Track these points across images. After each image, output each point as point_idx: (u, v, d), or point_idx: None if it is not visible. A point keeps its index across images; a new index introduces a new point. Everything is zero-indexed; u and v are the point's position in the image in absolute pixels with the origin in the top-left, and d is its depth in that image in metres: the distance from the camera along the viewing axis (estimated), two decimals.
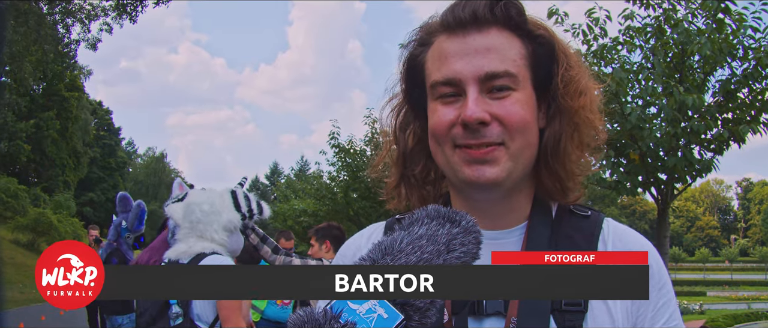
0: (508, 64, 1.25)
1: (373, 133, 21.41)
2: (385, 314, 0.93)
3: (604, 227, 1.35)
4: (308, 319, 0.91)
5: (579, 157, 1.35)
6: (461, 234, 1.05)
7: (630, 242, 1.33)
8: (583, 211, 1.38)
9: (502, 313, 1.25)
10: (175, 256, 4.00)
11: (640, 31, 9.59)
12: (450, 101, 1.28)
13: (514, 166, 1.27)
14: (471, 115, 1.22)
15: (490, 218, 1.35)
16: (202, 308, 3.93)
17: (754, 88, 9.23)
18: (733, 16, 8.98)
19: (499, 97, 1.25)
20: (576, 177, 1.35)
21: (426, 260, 0.99)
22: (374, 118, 21.27)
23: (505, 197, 1.34)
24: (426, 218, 1.07)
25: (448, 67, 1.27)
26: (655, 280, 1.29)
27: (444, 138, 1.29)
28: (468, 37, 1.27)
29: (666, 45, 9.40)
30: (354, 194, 23.57)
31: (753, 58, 8.96)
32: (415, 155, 1.44)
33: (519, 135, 1.26)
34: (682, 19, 9.09)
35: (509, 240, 1.35)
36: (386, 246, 1.01)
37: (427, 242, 1.01)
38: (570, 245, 1.30)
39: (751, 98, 9.33)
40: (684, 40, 8.90)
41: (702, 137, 9.16)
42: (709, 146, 9.52)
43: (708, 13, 9.07)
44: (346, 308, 0.93)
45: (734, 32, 9.03)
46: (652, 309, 1.27)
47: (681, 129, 8.95)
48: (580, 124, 1.32)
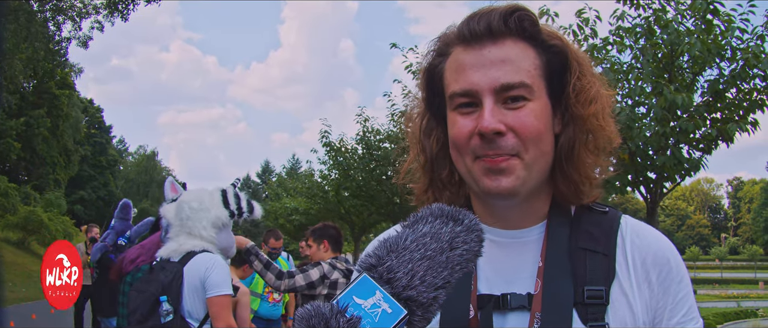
0: (523, 75, 1.29)
1: (364, 131, 21.42)
2: (389, 308, 0.97)
3: (622, 222, 1.39)
4: (315, 313, 0.94)
5: (593, 162, 1.39)
6: (464, 232, 1.09)
7: (647, 237, 1.37)
8: (601, 207, 1.43)
9: (526, 307, 1.30)
10: (166, 254, 4.06)
11: (630, 31, 9.63)
12: (468, 112, 1.32)
13: (528, 175, 1.31)
14: (487, 126, 1.26)
15: (509, 220, 1.41)
16: (192, 304, 3.96)
17: (742, 88, 9.30)
18: (721, 18, 9.04)
19: (515, 107, 1.29)
20: (591, 180, 1.39)
21: (429, 257, 1.02)
22: (366, 116, 21.35)
23: (523, 202, 1.38)
24: (430, 217, 1.11)
25: (465, 79, 1.31)
26: (674, 274, 1.33)
27: (465, 148, 1.33)
28: (484, 49, 1.31)
29: (655, 45, 9.45)
30: (345, 193, 23.60)
31: (741, 58, 9.02)
32: (440, 161, 1.48)
33: (532, 146, 1.29)
34: (671, 20, 9.13)
35: (530, 238, 1.40)
36: (391, 243, 1.05)
37: (430, 240, 1.05)
38: (589, 240, 1.35)
39: (739, 98, 9.41)
40: (673, 40, 8.95)
41: (691, 136, 9.21)
42: (698, 145, 9.58)
43: (697, 14, 9.12)
44: (352, 303, 0.97)
45: (723, 33, 9.09)
46: (671, 302, 1.32)
47: (670, 128, 9.01)
48: (592, 130, 1.36)
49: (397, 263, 1.01)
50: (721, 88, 9.30)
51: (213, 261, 4.01)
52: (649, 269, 1.33)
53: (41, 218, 31.18)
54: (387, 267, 1.01)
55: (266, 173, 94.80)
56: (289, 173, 57.18)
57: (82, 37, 28.21)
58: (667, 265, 1.34)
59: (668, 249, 1.37)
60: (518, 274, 1.36)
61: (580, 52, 1.40)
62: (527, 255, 1.38)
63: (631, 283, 1.31)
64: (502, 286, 1.35)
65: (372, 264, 1.03)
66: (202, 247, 4.05)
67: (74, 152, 50.59)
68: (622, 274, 1.32)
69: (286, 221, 30.96)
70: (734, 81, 9.13)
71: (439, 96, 1.42)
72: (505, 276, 1.37)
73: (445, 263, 1.04)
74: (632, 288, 1.31)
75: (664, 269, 1.33)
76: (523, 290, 1.33)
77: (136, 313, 3.91)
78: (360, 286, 0.99)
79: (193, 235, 4.07)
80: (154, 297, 3.89)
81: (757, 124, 9.32)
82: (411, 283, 0.99)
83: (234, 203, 4.22)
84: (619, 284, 1.31)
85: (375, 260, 1.03)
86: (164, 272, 3.96)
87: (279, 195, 36.21)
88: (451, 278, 1.05)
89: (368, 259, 1.04)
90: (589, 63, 1.41)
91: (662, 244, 1.37)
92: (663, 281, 1.32)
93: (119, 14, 26.66)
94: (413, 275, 1.00)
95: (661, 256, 1.34)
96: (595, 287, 1.28)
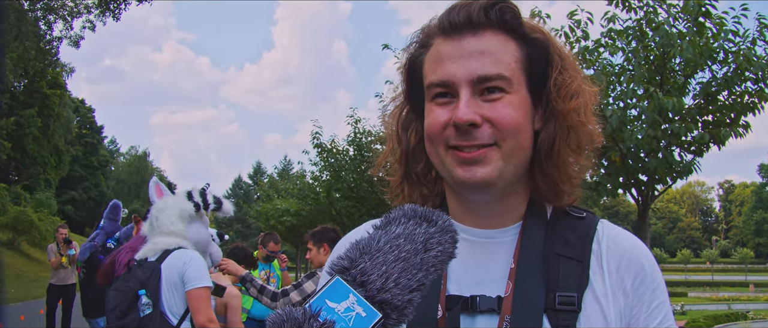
0: (502, 67, 1.27)
1: (355, 133, 21.39)
2: (363, 312, 0.94)
3: (598, 228, 1.36)
4: (288, 318, 0.91)
5: (573, 160, 1.36)
6: (438, 233, 1.06)
7: (623, 242, 1.34)
8: (579, 212, 1.39)
9: (495, 310, 1.27)
10: (143, 254, 4.15)
11: (622, 33, 9.65)
12: (444, 103, 1.29)
13: (505, 166, 1.28)
14: (461, 117, 1.23)
15: (484, 217, 1.37)
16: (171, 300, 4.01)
17: (734, 92, 9.31)
18: (713, 20, 9.06)
19: (492, 99, 1.26)
20: (571, 180, 1.36)
21: (403, 258, 0.99)
22: (357, 118, 21.32)
23: (498, 199, 1.35)
24: (403, 218, 1.08)
25: (442, 70, 1.29)
26: (649, 280, 1.30)
27: (438, 139, 1.30)
28: (463, 41, 1.29)
29: (647, 48, 9.46)
30: (336, 194, 23.57)
31: (733, 61, 9.04)
32: (416, 154, 1.45)
33: (511, 137, 1.26)
34: (663, 23, 9.13)
35: (504, 239, 1.36)
36: (364, 245, 1.02)
37: (404, 241, 1.02)
38: (564, 245, 1.31)
39: (731, 101, 9.42)
40: (665, 43, 8.95)
41: (682, 139, 9.23)
42: (690, 148, 9.60)
43: (689, 16, 9.13)
44: (325, 307, 0.93)
45: (715, 36, 9.12)
46: (646, 310, 1.29)
47: (661, 131, 9.01)
48: (573, 127, 1.33)
49: (371, 265, 0.98)
50: (712, 91, 9.31)
51: (190, 256, 4.10)
52: (624, 275, 1.30)
53: (31, 218, 31.09)
54: (360, 270, 0.98)
55: (258, 174, 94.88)
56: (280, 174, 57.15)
57: (73, 37, 28.17)
58: (641, 271, 1.30)
59: (644, 255, 1.33)
60: (490, 275, 1.32)
61: (562, 47, 1.37)
62: (500, 256, 1.34)
63: (606, 290, 1.28)
64: (473, 287, 1.31)
65: (345, 267, 0.99)
66: (177, 244, 4.13)
67: (65, 152, 50.49)
68: (597, 281, 1.29)
69: (277, 222, 30.92)
70: (726, 84, 9.13)
71: (418, 88, 1.39)
72: (476, 277, 1.33)
73: (420, 265, 1.01)
74: (607, 296, 1.27)
75: (638, 276, 1.30)
76: (494, 293, 1.29)
77: (116, 310, 3.95)
78: (333, 289, 0.96)
79: (164, 232, 4.17)
80: (133, 292, 3.95)
81: (749, 127, 9.35)
82: (385, 285, 0.96)
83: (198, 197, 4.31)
84: (593, 292, 1.27)
85: (348, 262, 1.00)
86: (142, 270, 4.03)
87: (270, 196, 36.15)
88: (426, 280, 1.02)
89: (340, 261, 1.01)
90: (571, 58, 1.38)
91: (638, 250, 1.34)
92: (637, 287, 1.29)
93: (111, 14, 26.58)
94: (387, 278, 0.97)
95: (636, 262, 1.31)
96: (567, 294, 1.25)
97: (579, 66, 1.39)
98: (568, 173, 1.35)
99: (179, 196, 4.36)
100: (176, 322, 4.00)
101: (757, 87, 9.10)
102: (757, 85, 9.09)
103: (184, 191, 4.38)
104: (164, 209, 4.23)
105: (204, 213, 4.35)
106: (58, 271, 12.58)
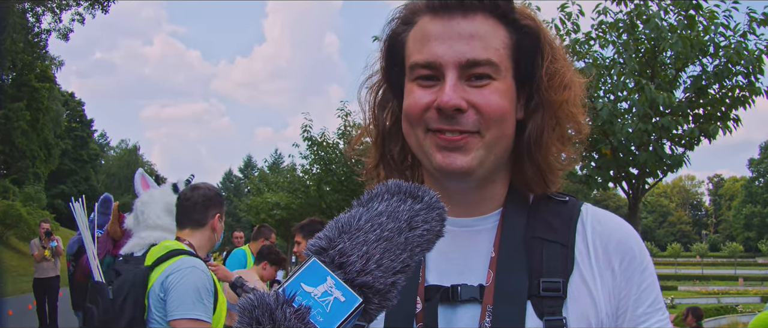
0: (491, 53, 1.22)
1: (346, 126, 21.33)
2: (342, 296, 0.87)
3: (582, 210, 1.32)
4: (259, 304, 0.84)
5: (560, 150, 1.32)
6: (424, 210, 0.99)
7: (609, 223, 1.30)
8: (561, 197, 1.35)
9: (477, 299, 1.22)
10: (129, 249, 4.09)
11: (613, 26, 9.64)
12: (428, 85, 1.24)
13: (486, 155, 1.23)
14: (448, 101, 1.18)
15: (463, 206, 1.32)
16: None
17: (725, 85, 9.32)
18: (704, 14, 9.06)
19: (478, 85, 1.21)
20: (557, 170, 1.32)
21: (386, 238, 0.93)
22: (347, 111, 21.25)
23: (478, 186, 1.30)
24: (386, 194, 1.01)
25: (429, 50, 1.23)
26: (637, 261, 1.26)
27: (417, 120, 1.25)
28: (452, 21, 1.23)
29: (638, 41, 9.45)
30: (327, 187, 23.51)
31: (723, 55, 9.05)
32: (393, 136, 1.40)
33: (495, 125, 1.22)
34: (654, 16, 9.12)
35: (485, 226, 1.31)
36: (343, 224, 0.95)
37: (387, 219, 0.95)
38: (547, 229, 1.27)
39: (721, 95, 9.41)
40: (656, 36, 8.95)
41: (673, 133, 9.22)
42: (680, 142, 9.60)
43: (680, 9, 9.12)
44: (300, 291, 0.86)
45: (705, 29, 9.12)
46: (635, 291, 1.24)
47: (652, 125, 9.00)
48: (563, 118, 1.29)
49: (351, 246, 0.91)
50: (703, 84, 9.32)
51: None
52: (612, 255, 1.25)
53: (20, 212, 30.88)
54: (339, 250, 0.91)
55: (249, 168, 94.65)
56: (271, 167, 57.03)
57: (62, 30, 28.05)
58: (630, 252, 1.26)
59: (631, 236, 1.28)
60: (470, 264, 1.27)
61: (553, 36, 1.33)
62: (480, 245, 1.29)
63: (593, 271, 1.23)
64: (454, 277, 1.26)
65: (322, 247, 0.92)
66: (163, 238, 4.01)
67: (55, 146, 50.17)
68: (583, 263, 1.24)
69: (267, 215, 30.79)
70: (717, 78, 9.16)
71: (398, 66, 1.34)
72: (457, 267, 1.28)
73: (404, 245, 0.94)
74: (594, 277, 1.23)
75: (627, 256, 1.25)
76: (475, 282, 1.24)
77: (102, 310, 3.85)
78: (309, 272, 0.89)
79: (150, 226, 4.10)
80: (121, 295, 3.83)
81: (739, 121, 9.36)
82: (366, 267, 0.90)
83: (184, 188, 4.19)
84: (580, 274, 1.22)
85: (325, 242, 0.92)
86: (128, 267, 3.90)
87: (261, 190, 36.02)
88: (411, 261, 0.95)
89: (318, 241, 0.93)
90: (561, 47, 1.33)
91: (625, 231, 1.29)
92: (626, 268, 1.24)
93: (99, 6, 26.41)
94: (368, 259, 0.90)
95: (624, 243, 1.26)
96: (552, 279, 1.20)
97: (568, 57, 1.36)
98: (555, 163, 1.31)
99: (165, 188, 4.29)
100: None
101: (748, 81, 9.09)
102: (747, 79, 9.09)
103: (169, 184, 4.31)
104: (150, 203, 4.18)
105: None
106: (40, 264, 12.63)
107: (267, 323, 0.82)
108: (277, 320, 0.82)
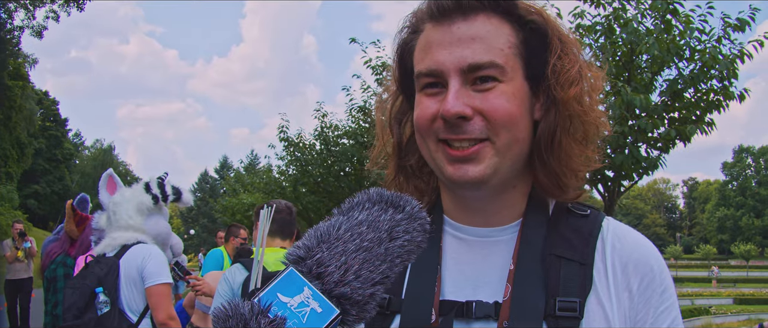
0: (495, 54, 1.17)
1: (322, 127, 21.25)
2: (319, 307, 0.85)
3: (603, 225, 1.27)
4: (233, 313, 0.81)
5: (577, 151, 1.26)
6: (405, 221, 0.97)
7: (630, 242, 1.25)
8: (582, 210, 1.30)
9: (492, 317, 1.18)
10: (101, 250, 4.04)
11: (590, 29, 9.68)
12: (434, 93, 1.21)
13: (500, 162, 1.19)
14: (450, 109, 1.15)
15: (481, 215, 1.28)
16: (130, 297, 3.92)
17: (700, 89, 9.41)
18: (680, 18, 9.13)
19: (483, 89, 1.17)
20: (575, 173, 1.27)
21: (365, 248, 0.90)
22: (324, 112, 21.17)
23: (496, 194, 1.26)
24: (367, 202, 0.99)
25: (431, 58, 1.20)
26: (657, 283, 1.21)
27: (427, 132, 1.22)
28: (453, 26, 1.20)
29: (615, 44, 9.50)
30: (303, 189, 23.37)
31: (699, 59, 9.15)
32: (411, 146, 1.36)
33: (504, 130, 1.17)
34: (631, 19, 9.18)
35: (502, 238, 1.27)
36: (322, 233, 0.92)
37: (367, 229, 0.93)
38: (566, 247, 1.22)
39: (696, 98, 9.51)
40: (633, 39, 9.00)
41: (649, 136, 9.28)
42: (656, 145, 9.67)
43: (657, 13, 9.19)
44: (276, 301, 0.84)
45: (681, 33, 9.20)
46: (652, 315, 1.19)
47: (628, 127, 9.06)
48: (574, 116, 1.23)
49: (329, 256, 0.88)
50: (679, 88, 9.39)
51: (149, 251, 4.01)
52: (631, 276, 1.20)
53: None
54: (317, 260, 0.88)
55: (224, 169, 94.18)
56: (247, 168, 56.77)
57: (36, 27, 27.62)
58: (650, 273, 1.21)
59: (652, 256, 1.24)
60: (487, 277, 1.24)
61: (563, 29, 1.27)
62: (498, 257, 1.25)
63: (610, 292, 1.19)
64: (469, 291, 1.23)
65: (300, 256, 0.89)
66: (135, 239, 4.03)
67: (28, 145, 49.48)
68: (600, 282, 1.20)
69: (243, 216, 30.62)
70: (692, 81, 9.24)
71: (411, 76, 1.30)
72: (473, 280, 1.24)
73: (384, 256, 0.92)
74: (610, 298, 1.19)
75: (646, 278, 1.21)
76: (491, 297, 1.20)
77: (73, 308, 3.82)
78: (286, 281, 0.86)
79: (122, 226, 4.05)
80: (90, 290, 3.84)
81: (713, 124, 9.44)
82: (344, 278, 0.87)
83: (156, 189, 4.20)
84: (597, 294, 1.18)
85: (303, 251, 0.90)
86: (99, 266, 3.92)
87: (237, 191, 35.82)
88: (391, 273, 0.93)
89: (296, 251, 0.91)
90: (573, 41, 1.28)
91: (646, 250, 1.24)
92: (645, 290, 1.20)
93: (74, 4, 26.06)
94: (347, 270, 0.88)
95: (644, 263, 1.22)
96: (569, 299, 1.16)
97: (580, 48, 1.30)
98: (572, 165, 1.26)
99: (136, 188, 4.23)
100: (136, 319, 3.90)
101: (722, 85, 9.19)
102: (722, 83, 9.19)
103: (142, 183, 4.24)
104: (121, 203, 4.12)
105: (163, 205, 4.22)
106: (13, 265, 12.43)
107: None
108: None
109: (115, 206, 4.12)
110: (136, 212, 4.08)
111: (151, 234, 4.13)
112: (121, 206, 4.10)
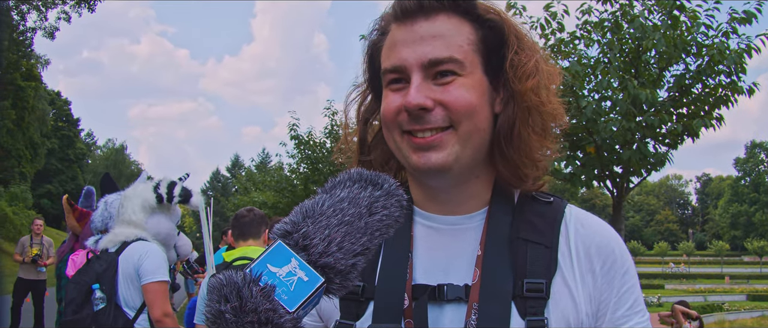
0: (454, 50, 1.25)
1: (332, 125, 21.30)
2: (305, 276, 0.93)
3: (566, 212, 1.34)
4: (227, 283, 0.90)
5: (536, 141, 1.32)
6: (383, 197, 1.05)
7: (592, 226, 1.33)
8: (546, 197, 1.37)
9: (463, 299, 1.25)
10: (103, 245, 4.13)
11: (597, 25, 9.70)
12: (398, 88, 1.28)
13: (462, 150, 1.26)
14: (411, 101, 1.22)
15: (448, 204, 1.35)
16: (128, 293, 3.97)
17: (708, 84, 9.41)
18: (687, 13, 9.13)
19: (443, 82, 1.24)
20: (535, 163, 1.33)
21: (347, 222, 0.99)
22: (334, 110, 21.21)
23: (460, 183, 1.33)
24: (348, 181, 1.07)
25: (395, 55, 1.28)
26: (619, 264, 1.29)
27: (392, 124, 1.29)
28: (415, 25, 1.28)
29: (622, 40, 9.51)
30: (314, 186, 23.42)
31: (706, 54, 9.14)
32: (376, 142, 1.45)
33: (465, 119, 1.24)
34: (638, 15, 9.19)
35: (470, 226, 1.34)
36: (307, 209, 1.01)
37: (348, 205, 1.01)
38: (531, 231, 1.30)
39: (704, 94, 9.50)
40: (640, 35, 9.01)
41: (657, 131, 9.29)
42: (664, 140, 9.68)
43: (663, 9, 9.19)
44: (266, 271, 0.92)
45: (689, 29, 9.20)
46: (615, 295, 1.27)
47: (636, 123, 9.08)
48: (532, 107, 1.29)
49: (314, 230, 0.97)
50: (686, 83, 9.39)
51: (146, 249, 4.05)
52: (593, 258, 1.28)
53: (6, 212, 30.76)
54: (302, 233, 0.97)
55: (236, 167, 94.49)
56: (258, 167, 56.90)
57: (48, 28, 27.84)
58: (611, 255, 1.29)
59: (613, 239, 1.31)
60: (456, 262, 1.30)
61: (519, 27, 1.35)
62: (466, 243, 1.32)
63: (574, 274, 1.26)
64: (439, 275, 1.29)
65: (287, 231, 0.98)
66: (136, 235, 4.09)
67: (41, 145, 49.87)
68: (565, 265, 1.27)
69: None
70: (700, 77, 9.24)
71: (378, 75, 1.38)
72: (443, 265, 1.31)
73: (364, 229, 1.01)
74: (575, 279, 1.26)
75: (608, 260, 1.28)
76: (461, 280, 1.27)
77: (72, 303, 3.92)
78: (274, 253, 0.95)
79: (125, 221, 4.12)
80: (88, 286, 3.92)
81: (722, 119, 9.43)
82: (328, 249, 0.96)
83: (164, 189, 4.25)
84: (562, 276, 1.25)
85: (290, 226, 0.99)
86: (99, 262, 3.99)
87: (248, 189, 35.91)
88: (371, 245, 1.01)
89: (283, 226, 1.00)
90: (529, 37, 1.35)
91: (607, 234, 1.32)
92: (607, 271, 1.27)
93: (86, 5, 26.25)
94: (330, 242, 0.96)
95: (606, 246, 1.29)
96: (535, 280, 1.23)
97: (537, 45, 1.37)
98: (531, 155, 1.32)
99: (147, 185, 4.28)
100: (133, 315, 3.97)
101: (730, 80, 9.18)
102: (729, 78, 9.18)
103: (154, 181, 4.31)
104: (131, 197, 4.18)
105: (169, 205, 4.26)
106: (27, 264, 12.41)
107: (234, 300, 0.88)
108: (244, 297, 0.88)
109: (125, 200, 4.19)
110: (141, 209, 4.14)
111: (151, 232, 4.18)
112: (129, 200, 4.17)
